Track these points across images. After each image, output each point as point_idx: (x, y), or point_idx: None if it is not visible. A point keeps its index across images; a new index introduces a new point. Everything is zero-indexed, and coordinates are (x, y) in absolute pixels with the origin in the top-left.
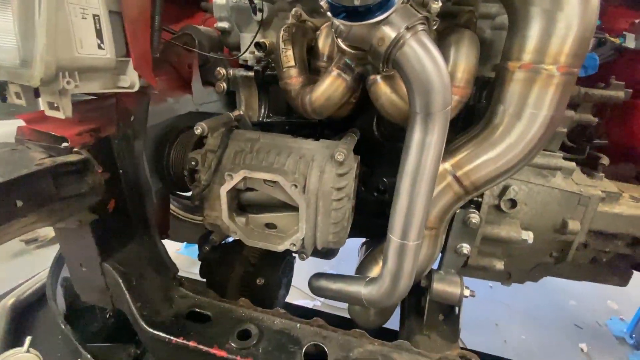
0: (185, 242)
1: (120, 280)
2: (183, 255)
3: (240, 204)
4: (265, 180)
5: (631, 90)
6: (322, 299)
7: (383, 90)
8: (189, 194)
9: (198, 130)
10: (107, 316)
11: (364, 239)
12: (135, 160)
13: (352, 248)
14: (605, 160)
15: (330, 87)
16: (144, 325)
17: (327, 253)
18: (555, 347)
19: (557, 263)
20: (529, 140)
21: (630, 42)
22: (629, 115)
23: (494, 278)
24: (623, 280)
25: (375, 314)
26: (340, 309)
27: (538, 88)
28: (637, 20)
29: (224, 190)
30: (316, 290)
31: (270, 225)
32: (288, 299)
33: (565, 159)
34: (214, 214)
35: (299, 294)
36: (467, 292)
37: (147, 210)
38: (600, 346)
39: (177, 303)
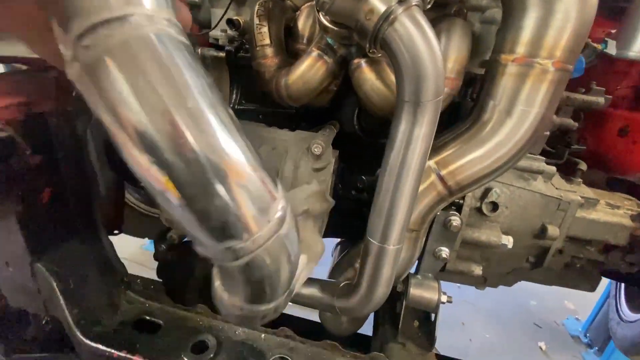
0: (147, 238)
1: (54, 283)
2: (148, 252)
3: None
4: None
5: (611, 97)
6: None
7: (367, 75)
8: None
9: None
10: (43, 322)
11: (338, 239)
12: (78, 143)
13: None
14: (583, 165)
15: (309, 69)
16: (80, 336)
17: None
18: (516, 345)
19: (533, 268)
20: (519, 139)
21: (611, 49)
22: (600, 123)
23: (469, 282)
24: (592, 286)
25: (348, 321)
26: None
27: (531, 83)
28: (613, 31)
29: None
30: None
31: None
32: None
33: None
34: None
35: None
36: (444, 298)
37: (92, 202)
38: (558, 344)
39: (123, 310)
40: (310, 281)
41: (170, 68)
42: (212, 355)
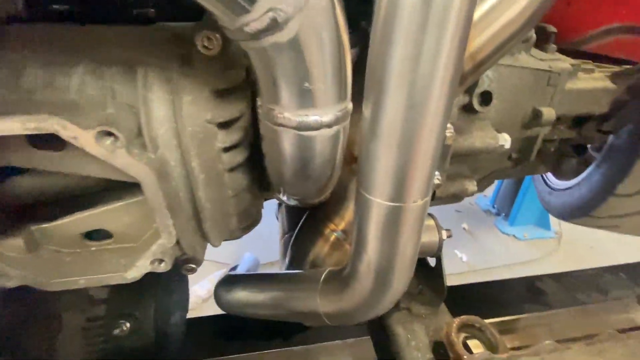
0: None
1: None
2: None
3: (17, 206)
4: (31, 141)
5: None
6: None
7: None
8: None
9: None
10: None
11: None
12: None
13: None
14: (552, 28)
15: None
16: None
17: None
18: None
19: (516, 166)
20: None
21: None
22: None
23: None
24: (564, 167)
25: None
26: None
27: None
28: None
29: None
30: (230, 307)
31: (94, 235)
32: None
33: None
34: None
35: (214, 266)
36: (444, 234)
37: None
38: (475, 221)
39: None
40: (265, 279)
41: None
42: None
